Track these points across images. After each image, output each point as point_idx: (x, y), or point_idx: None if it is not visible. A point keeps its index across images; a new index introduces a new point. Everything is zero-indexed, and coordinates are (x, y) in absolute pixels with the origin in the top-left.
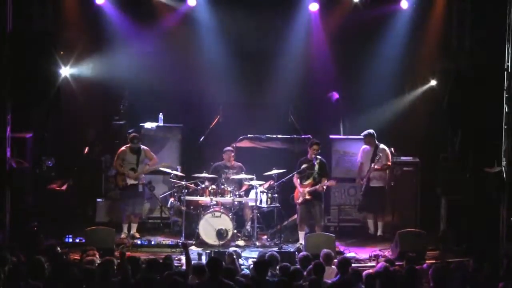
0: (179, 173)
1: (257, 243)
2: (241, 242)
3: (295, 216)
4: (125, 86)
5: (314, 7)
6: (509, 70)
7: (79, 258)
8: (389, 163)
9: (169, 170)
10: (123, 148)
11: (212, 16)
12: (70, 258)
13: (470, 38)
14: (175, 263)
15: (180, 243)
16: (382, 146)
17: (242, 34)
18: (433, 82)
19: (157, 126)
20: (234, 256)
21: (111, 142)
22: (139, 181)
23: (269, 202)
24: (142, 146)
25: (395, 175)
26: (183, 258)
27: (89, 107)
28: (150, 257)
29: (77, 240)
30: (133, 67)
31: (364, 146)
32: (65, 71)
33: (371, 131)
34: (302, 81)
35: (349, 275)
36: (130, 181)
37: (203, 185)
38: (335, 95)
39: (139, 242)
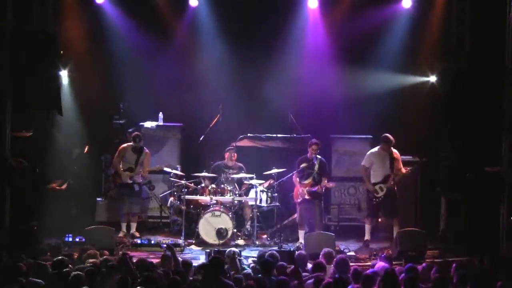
0: (178, 172)
1: (257, 242)
2: (241, 241)
3: (295, 215)
4: (125, 85)
5: (313, 4)
6: (509, 70)
7: (78, 257)
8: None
9: (169, 170)
10: (124, 145)
11: (212, 15)
12: (73, 256)
13: (470, 38)
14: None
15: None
16: (395, 150)
17: (242, 33)
18: (432, 80)
19: (157, 125)
20: (236, 256)
21: (110, 141)
22: (134, 180)
23: (269, 201)
24: (146, 150)
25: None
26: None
27: (89, 106)
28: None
29: (77, 240)
30: (133, 66)
31: (375, 150)
32: (65, 70)
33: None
34: (302, 80)
35: (347, 275)
36: (126, 180)
37: (203, 184)
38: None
39: (139, 241)
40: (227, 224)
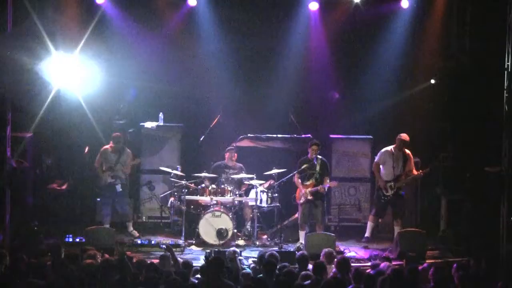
0: (179, 173)
1: (257, 243)
2: (241, 242)
3: (295, 215)
4: (125, 85)
5: (314, 6)
6: (509, 70)
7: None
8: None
9: (169, 170)
10: (106, 146)
11: (212, 16)
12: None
13: (470, 38)
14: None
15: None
16: (408, 151)
17: (242, 34)
18: (432, 80)
19: (158, 126)
20: (236, 255)
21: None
22: (116, 176)
23: (269, 202)
24: (128, 150)
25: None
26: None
27: (89, 106)
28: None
29: (77, 240)
30: (133, 66)
31: (389, 148)
32: (65, 70)
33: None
34: (302, 81)
35: (347, 275)
36: (107, 181)
37: (203, 185)
38: (335, 94)
39: (139, 241)
40: (227, 225)
